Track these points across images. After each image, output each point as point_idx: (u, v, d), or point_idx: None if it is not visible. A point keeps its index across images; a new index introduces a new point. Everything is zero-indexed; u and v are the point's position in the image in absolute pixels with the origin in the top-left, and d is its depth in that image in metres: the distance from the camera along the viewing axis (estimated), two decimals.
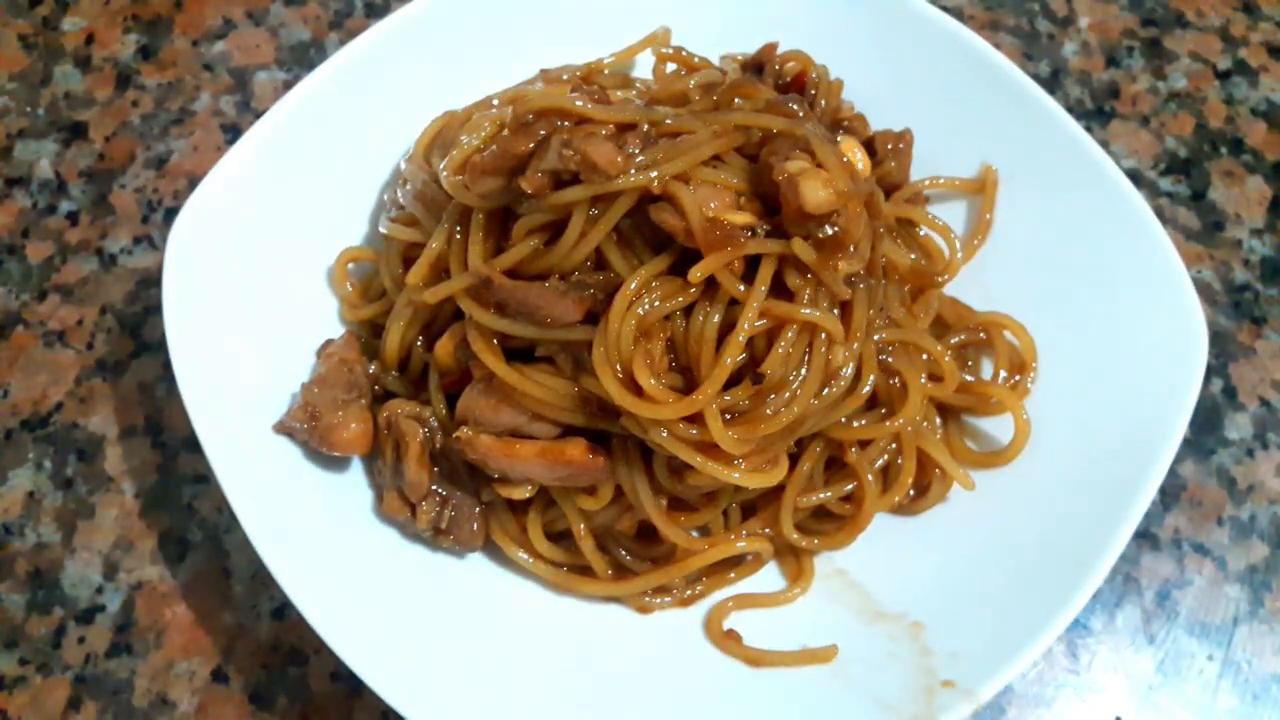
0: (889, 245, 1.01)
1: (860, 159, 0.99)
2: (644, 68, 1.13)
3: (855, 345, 0.89)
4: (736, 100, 0.92)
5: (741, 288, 0.85)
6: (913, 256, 1.05)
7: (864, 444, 0.97)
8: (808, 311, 0.85)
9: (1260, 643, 1.00)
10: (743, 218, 0.86)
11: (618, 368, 0.85)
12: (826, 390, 0.88)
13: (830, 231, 0.84)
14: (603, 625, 0.93)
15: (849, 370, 0.89)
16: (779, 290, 0.86)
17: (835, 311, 0.88)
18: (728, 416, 0.86)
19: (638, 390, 0.85)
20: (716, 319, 0.85)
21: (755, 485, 0.88)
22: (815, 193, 0.83)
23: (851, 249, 0.86)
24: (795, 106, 0.90)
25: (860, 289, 0.89)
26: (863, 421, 0.95)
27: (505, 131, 0.88)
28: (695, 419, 0.85)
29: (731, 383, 0.86)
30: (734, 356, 0.84)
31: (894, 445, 0.97)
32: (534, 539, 0.94)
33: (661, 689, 0.89)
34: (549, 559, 0.95)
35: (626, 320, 0.84)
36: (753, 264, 0.86)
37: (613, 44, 1.10)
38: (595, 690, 0.88)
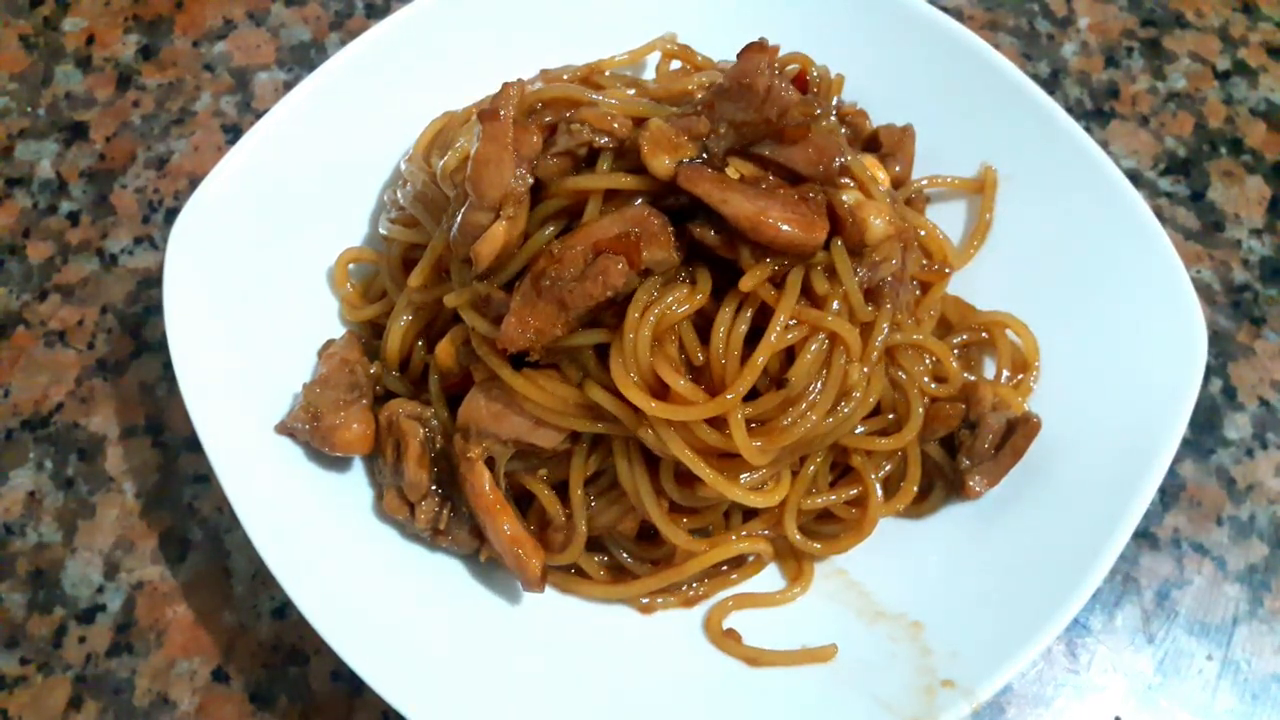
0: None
1: (883, 177, 1.00)
2: (648, 72, 1.13)
3: (866, 369, 0.89)
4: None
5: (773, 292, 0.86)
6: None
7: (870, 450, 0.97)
8: (835, 320, 0.86)
9: (1259, 642, 1.00)
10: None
11: (634, 375, 0.85)
12: (839, 407, 0.89)
13: (878, 258, 0.89)
14: (603, 625, 0.93)
15: (859, 392, 0.90)
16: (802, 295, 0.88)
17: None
18: (750, 425, 0.86)
19: (655, 396, 0.85)
20: (743, 328, 0.86)
21: (757, 504, 0.89)
22: (876, 225, 0.87)
23: (893, 261, 0.89)
24: (818, 110, 0.90)
25: (885, 307, 0.90)
26: (864, 429, 0.96)
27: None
28: (718, 425, 0.85)
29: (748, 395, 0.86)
30: (766, 356, 0.85)
31: (899, 453, 0.98)
32: None
33: (661, 688, 0.89)
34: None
35: (641, 328, 0.84)
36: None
37: (613, 44, 1.10)
38: (595, 689, 0.88)
